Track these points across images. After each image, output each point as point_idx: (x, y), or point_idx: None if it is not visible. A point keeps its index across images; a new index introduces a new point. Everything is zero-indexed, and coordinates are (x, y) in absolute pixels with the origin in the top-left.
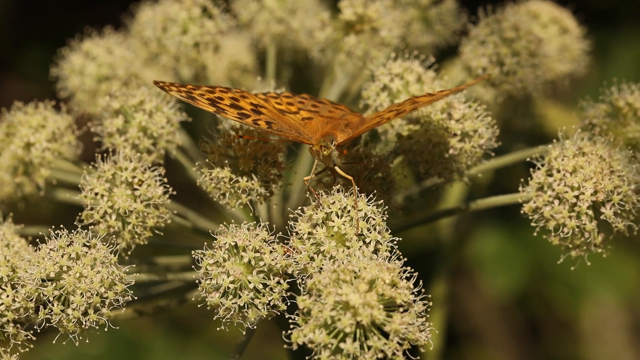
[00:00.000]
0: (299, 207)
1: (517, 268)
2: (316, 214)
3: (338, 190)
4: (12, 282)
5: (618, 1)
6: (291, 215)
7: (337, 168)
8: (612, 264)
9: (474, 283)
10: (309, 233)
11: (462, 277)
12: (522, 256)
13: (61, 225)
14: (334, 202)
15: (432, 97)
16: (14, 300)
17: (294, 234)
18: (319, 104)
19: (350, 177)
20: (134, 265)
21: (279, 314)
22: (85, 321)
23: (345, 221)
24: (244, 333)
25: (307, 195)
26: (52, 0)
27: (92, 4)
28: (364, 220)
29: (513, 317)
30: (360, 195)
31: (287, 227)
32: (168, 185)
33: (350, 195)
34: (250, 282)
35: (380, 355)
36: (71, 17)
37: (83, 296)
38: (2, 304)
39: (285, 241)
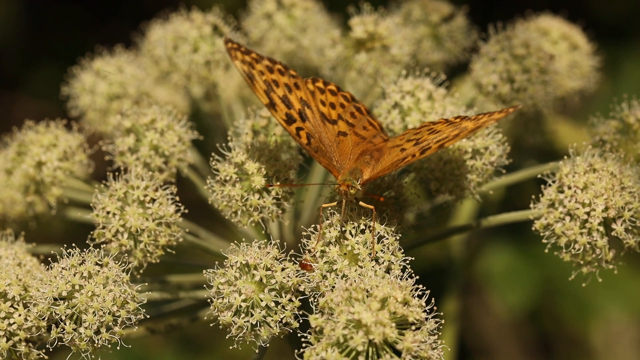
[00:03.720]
0: (312, 225)
1: (527, 285)
2: (329, 232)
3: (352, 209)
4: (24, 301)
5: (629, 16)
6: (304, 233)
7: (361, 202)
8: (622, 281)
9: (484, 299)
10: (322, 251)
11: (472, 294)
12: (532, 273)
13: (73, 244)
14: (348, 220)
15: (452, 138)
16: (26, 319)
17: (307, 251)
18: (357, 113)
19: (372, 207)
20: (146, 284)
21: (291, 331)
22: (98, 340)
23: (358, 240)
24: (257, 351)
25: (321, 214)
26: (62, 18)
27: (102, 21)
28: (378, 243)
29: (524, 333)
30: (375, 214)
31: (299, 244)
32: (180, 204)
33: (365, 216)
34: (262, 300)
35: None
36: (82, 35)
37: (95, 315)
38: (14, 323)
39: (299, 258)
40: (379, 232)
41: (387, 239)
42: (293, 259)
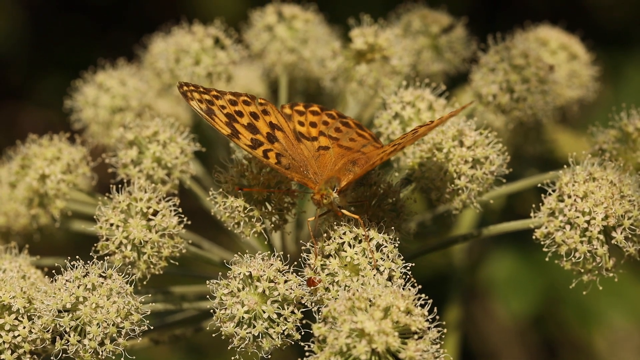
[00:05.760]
0: (310, 239)
1: (531, 292)
2: (328, 245)
3: (349, 220)
4: (29, 314)
5: (629, 23)
6: (303, 248)
7: (343, 210)
8: (625, 288)
9: (488, 306)
10: (323, 264)
11: (476, 300)
12: (535, 280)
13: (77, 257)
14: (345, 232)
15: (427, 127)
16: (30, 332)
17: (308, 266)
18: (343, 127)
19: (357, 217)
20: (150, 295)
21: (293, 343)
22: (102, 351)
23: (357, 251)
24: None
25: (309, 228)
26: (66, 28)
27: (106, 31)
28: (377, 251)
29: (529, 340)
30: (371, 223)
31: (300, 258)
32: (183, 215)
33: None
34: (264, 312)
35: None
36: (86, 44)
37: (99, 326)
38: (18, 335)
39: (301, 273)
40: (376, 241)
41: (385, 246)
42: (295, 272)
